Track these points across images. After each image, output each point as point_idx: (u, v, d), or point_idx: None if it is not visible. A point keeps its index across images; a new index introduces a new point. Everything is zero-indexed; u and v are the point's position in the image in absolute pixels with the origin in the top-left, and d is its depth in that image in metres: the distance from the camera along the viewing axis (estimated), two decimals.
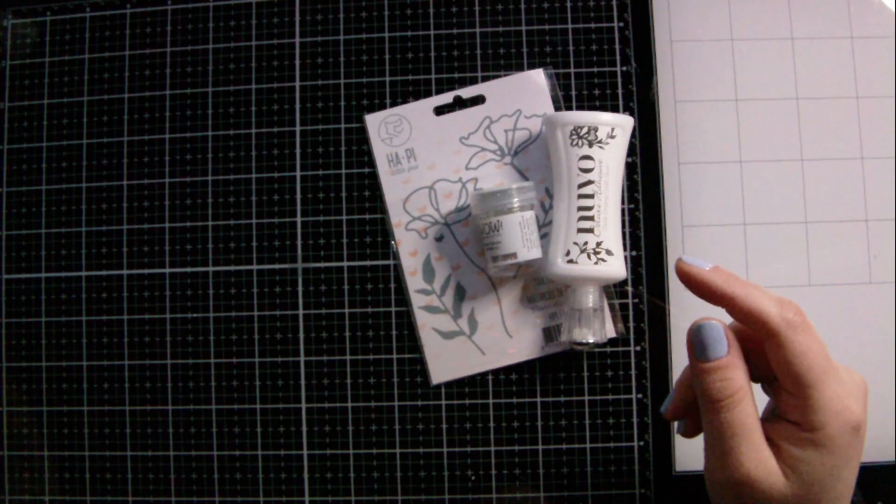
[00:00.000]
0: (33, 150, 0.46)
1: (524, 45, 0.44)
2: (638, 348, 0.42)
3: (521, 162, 0.43)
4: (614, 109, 0.43)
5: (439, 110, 0.43)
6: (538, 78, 0.43)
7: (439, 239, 0.43)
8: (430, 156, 0.43)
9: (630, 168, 0.43)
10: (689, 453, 0.42)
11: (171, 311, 0.44)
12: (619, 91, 0.44)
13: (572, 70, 0.44)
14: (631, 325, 0.43)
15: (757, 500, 0.28)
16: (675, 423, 0.35)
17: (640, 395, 0.42)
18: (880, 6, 0.44)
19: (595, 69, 0.44)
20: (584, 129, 0.39)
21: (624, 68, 0.44)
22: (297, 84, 0.45)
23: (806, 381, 0.28)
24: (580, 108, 0.44)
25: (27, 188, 0.46)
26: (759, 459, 0.28)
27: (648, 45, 0.44)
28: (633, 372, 0.42)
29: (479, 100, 0.43)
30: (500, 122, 0.43)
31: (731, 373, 0.29)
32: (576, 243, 0.39)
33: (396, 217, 0.43)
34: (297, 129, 0.45)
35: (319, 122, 0.45)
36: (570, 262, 0.38)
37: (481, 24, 0.44)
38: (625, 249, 0.42)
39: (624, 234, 0.43)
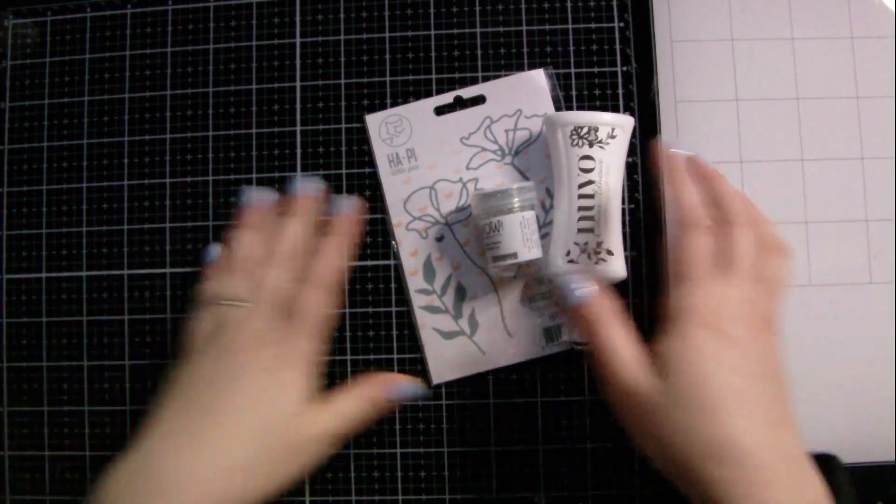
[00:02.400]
0: (34, 150, 0.46)
1: (524, 45, 0.44)
2: None
3: (522, 162, 0.43)
4: (614, 109, 0.43)
5: (440, 110, 0.43)
6: (538, 78, 0.43)
7: (440, 239, 0.43)
8: (430, 156, 0.43)
9: (630, 168, 0.43)
10: None
11: (171, 311, 0.44)
12: (620, 91, 0.44)
13: (572, 70, 0.44)
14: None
15: (639, 403, 0.32)
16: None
17: None
18: (880, 6, 0.44)
19: (595, 69, 0.44)
20: (585, 129, 0.39)
21: (624, 68, 0.44)
22: (298, 84, 0.45)
23: (676, 273, 0.33)
24: (580, 108, 0.44)
25: (28, 188, 0.46)
26: (632, 367, 0.33)
27: (648, 45, 0.44)
28: None
29: (479, 100, 0.43)
30: (500, 122, 0.43)
31: (597, 310, 0.35)
32: (576, 243, 0.39)
33: (397, 217, 0.43)
34: (298, 129, 0.45)
35: (320, 122, 0.45)
36: (571, 261, 0.38)
37: (482, 24, 0.44)
38: (625, 249, 0.42)
39: (624, 234, 0.43)
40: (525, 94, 0.43)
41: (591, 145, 0.39)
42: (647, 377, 0.32)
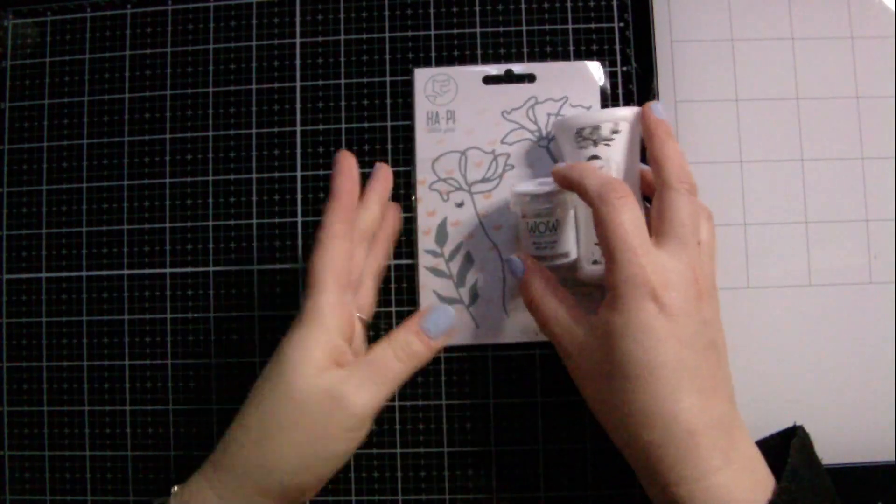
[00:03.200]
0: (34, 150, 0.46)
1: (524, 45, 0.44)
2: None
3: (557, 149, 0.42)
4: None
5: (487, 80, 0.43)
6: (593, 69, 0.43)
7: (460, 205, 0.43)
8: (469, 122, 0.43)
9: None
10: None
11: (171, 311, 0.44)
12: (620, 91, 0.44)
13: None
14: None
15: (580, 367, 0.34)
16: None
17: None
18: (880, 6, 0.44)
19: None
20: (588, 130, 0.38)
21: (624, 68, 0.44)
22: (298, 84, 0.45)
23: (607, 247, 0.33)
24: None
25: (28, 188, 0.46)
26: (569, 335, 0.34)
27: (648, 45, 0.44)
28: None
29: (529, 78, 0.43)
30: (545, 105, 0.43)
31: (530, 283, 0.36)
32: (597, 244, 0.38)
33: (422, 175, 0.43)
34: (298, 128, 0.45)
35: (320, 121, 0.45)
36: (595, 262, 0.38)
37: (482, 25, 0.44)
38: None
39: None
40: (576, 82, 0.43)
41: (595, 144, 0.38)
42: (585, 345, 0.33)
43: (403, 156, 0.44)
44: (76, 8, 0.47)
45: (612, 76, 0.44)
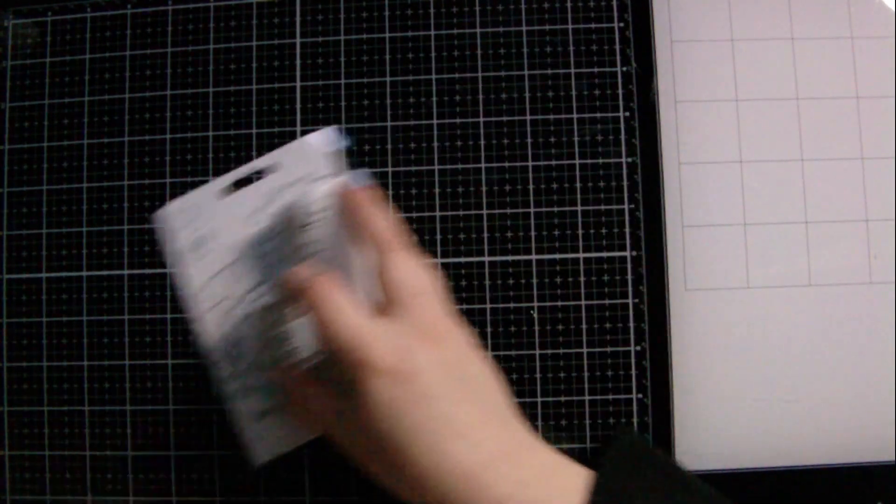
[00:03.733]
0: (34, 150, 0.46)
1: (524, 45, 0.44)
2: (638, 348, 0.42)
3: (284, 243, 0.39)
4: (614, 110, 0.43)
5: (237, 183, 0.39)
6: (317, 141, 0.39)
7: (243, 319, 0.40)
8: (228, 236, 0.40)
9: (630, 168, 0.43)
10: (690, 452, 0.42)
11: (171, 311, 0.44)
12: (620, 91, 0.44)
13: (572, 70, 0.44)
14: (631, 325, 0.43)
15: (335, 443, 0.35)
16: None
17: (640, 395, 0.42)
18: (880, 6, 0.44)
19: (595, 69, 0.44)
20: (292, 218, 0.36)
21: (624, 68, 0.44)
22: (298, 84, 0.45)
23: (325, 341, 0.32)
24: (580, 108, 0.44)
25: (28, 188, 0.46)
26: (315, 417, 0.35)
27: (648, 45, 0.44)
28: (633, 372, 0.42)
29: (271, 169, 0.39)
30: (289, 191, 0.39)
31: (284, 375, 0.37)
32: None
33: (201, 303, 0.39)
34: (298, 129, 0.45)
35: (320, 121, 0.45)
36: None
37: (482, 25, 0.44)
38: (625, 250, 0.42)
39: (623, 234, 0.43)
40: (308, 157, 0.39)
41: (304, 229, 0.36)
42: (345, 435, 0.33)
43: (403, 156, 0.44)
44: (76, 8, 0.47)
45: (611, 76, 0.44)
